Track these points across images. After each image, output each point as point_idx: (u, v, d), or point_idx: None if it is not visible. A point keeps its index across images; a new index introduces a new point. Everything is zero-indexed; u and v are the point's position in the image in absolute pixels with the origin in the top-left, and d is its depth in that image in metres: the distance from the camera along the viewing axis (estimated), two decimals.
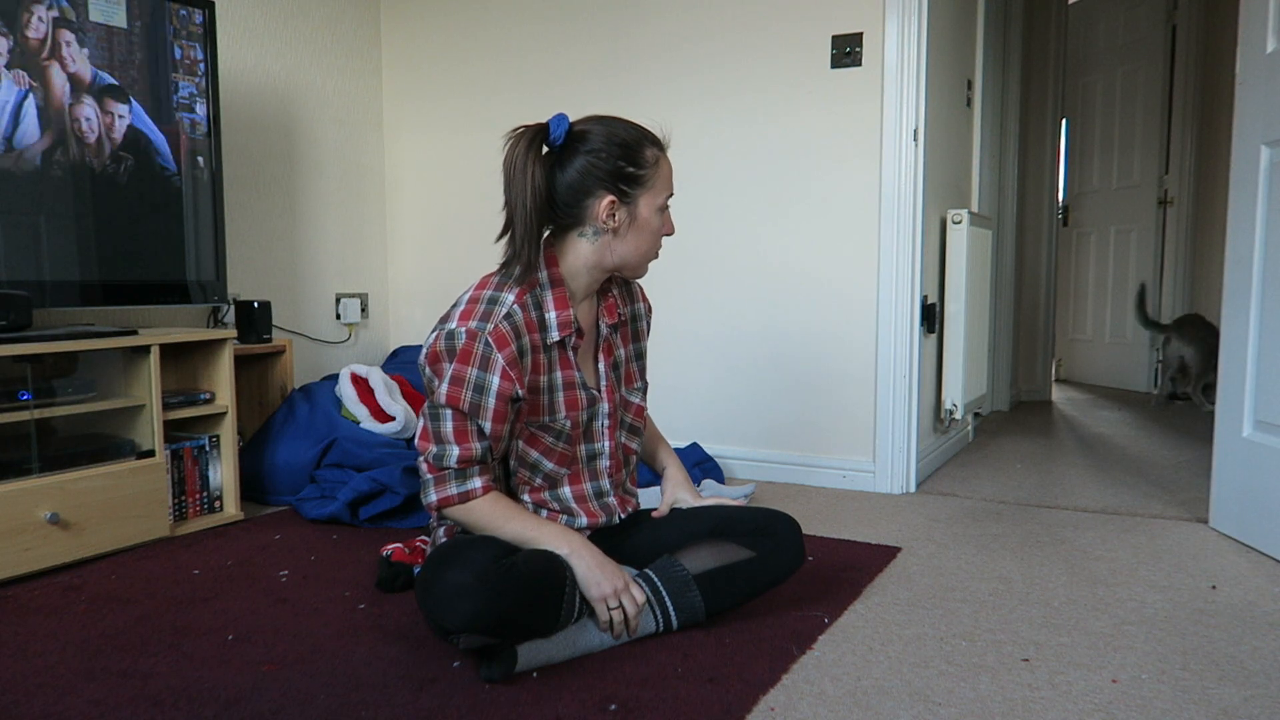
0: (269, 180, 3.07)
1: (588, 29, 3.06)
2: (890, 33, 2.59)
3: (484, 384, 1.42)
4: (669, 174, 1.56)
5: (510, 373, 1.43)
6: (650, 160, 1.52)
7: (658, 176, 1.53)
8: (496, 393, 1.43)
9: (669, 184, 1.56)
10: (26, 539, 1.92)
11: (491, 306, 1.45)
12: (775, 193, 2.80)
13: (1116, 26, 4.97)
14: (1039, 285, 4.60)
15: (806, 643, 1.56)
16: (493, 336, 1.42)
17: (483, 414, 1.43)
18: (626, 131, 1.51)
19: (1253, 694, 1.38)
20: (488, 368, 1.42)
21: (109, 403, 2.16)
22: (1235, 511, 2.20)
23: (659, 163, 1.53)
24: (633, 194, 1.51)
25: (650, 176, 1.52)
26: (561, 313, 1.51)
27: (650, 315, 1.76)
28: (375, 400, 2.73)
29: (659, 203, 1.54)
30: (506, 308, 1.45)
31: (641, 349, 1.73)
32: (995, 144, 3.88)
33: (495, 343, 1.42)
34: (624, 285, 1.70)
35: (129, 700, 1.36)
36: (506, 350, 1.43)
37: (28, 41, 2.06)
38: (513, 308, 1.46)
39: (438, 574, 1.38)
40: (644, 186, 1.52)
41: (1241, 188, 2.17)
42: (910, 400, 2.68)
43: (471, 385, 1.42)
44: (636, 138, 1.51)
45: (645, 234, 1.54)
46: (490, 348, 1.42)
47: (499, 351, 1.42)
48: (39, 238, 2.11)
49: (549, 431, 1.54)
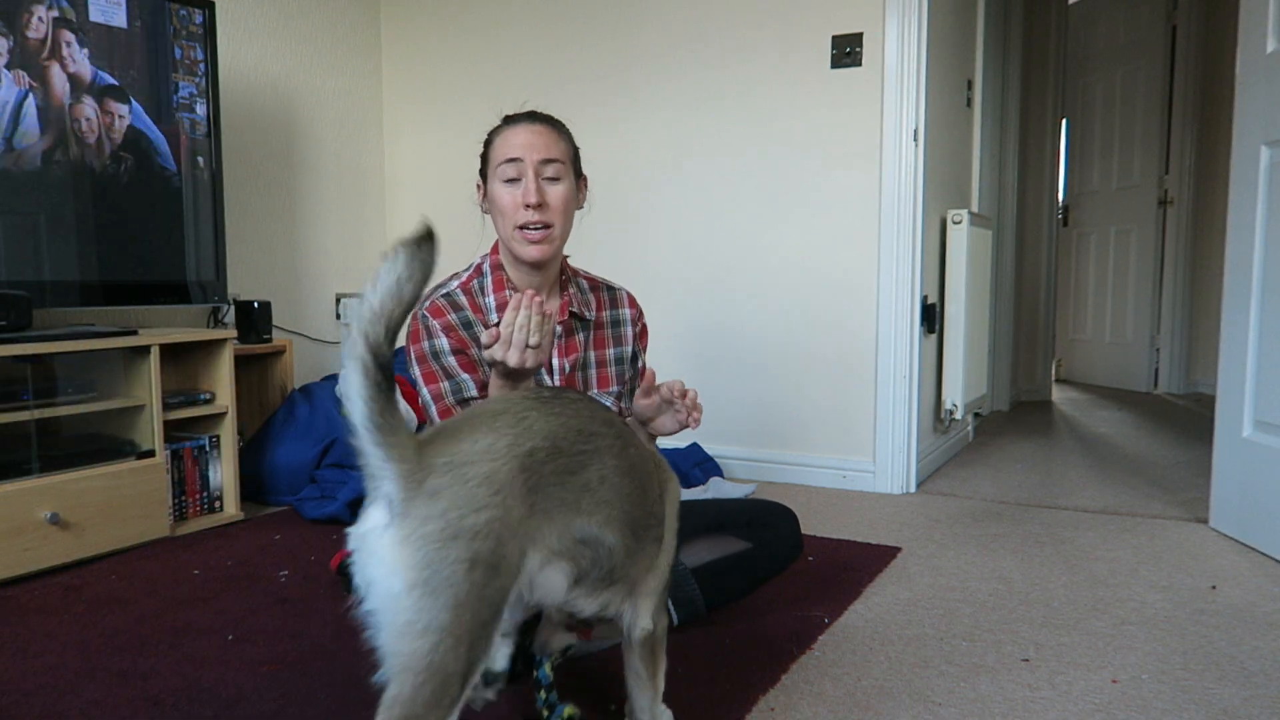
0: (269, 180, 3.07)
1: (588, 29, 3.06)
2: (890, 33, 2.59)
3: (437, 349, 1.48)
4: (506, 145, 1.50)
5: (451, 334, 1.48)
6: (491, 142, 1.52)
7: (494, 150, 1.51)
8: (450, 349, 1.47)
9: (503, 153, 1.49)
10: (26, 539, 1.92)
11: (436, 290, 1.53)
12: (775, 192, 2.80)
13: (1116, 26, 4.97)
14: (1039, 285, 4.60)
15: (806, 643, 1.56)
16: (428, 310, 1.49)
17: (453, 371, 1.47)
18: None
19: (1253, 694, 1.38)
20: (432, 335, 1.48)
21: (109, 403, 2.15)
22: (1235, 511, 2.20)
23: (497, 139, 1.51)
24: (486, 175, 1.53)
25: (490, 155, 1.52)
26: (498, 294, 1.53)
27: (640, 324, 1.69)
28: None
29: (496, 177, 1.50)
30: (446, 289, 1.53)
31: (623, 354, 1.65)
32: (995, 144, 3.88)
33: (432, 314, 1.49)
34: (607, 291, 1.65)
35: (129, 700, 1.36)
36: (442, 319, 1.49)
37: (28, 41, 2.06)
38: (453, 289, 1.53)
39: None
40: (488, 165, 1.52)
41: (1241, 188, 2.17)
42: (910, 400, 2.68)
43: (431, 354, 1.48)
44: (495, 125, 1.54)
45: (495, 211, 1.52)
46: (428, 318, 1.49)
47: (435, 319, 1.48)
48: (39, 238, 2.11)
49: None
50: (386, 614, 0.81)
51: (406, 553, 0.81)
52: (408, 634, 0.81)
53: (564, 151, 1.52)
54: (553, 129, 1.52)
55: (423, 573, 0.81)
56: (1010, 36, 4.01)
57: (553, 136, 1.51)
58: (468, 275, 1.56)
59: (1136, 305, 4.91)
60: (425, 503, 0.82)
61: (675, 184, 2.94)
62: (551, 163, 1.49)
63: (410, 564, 0.80)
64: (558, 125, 1.54)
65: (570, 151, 1.54)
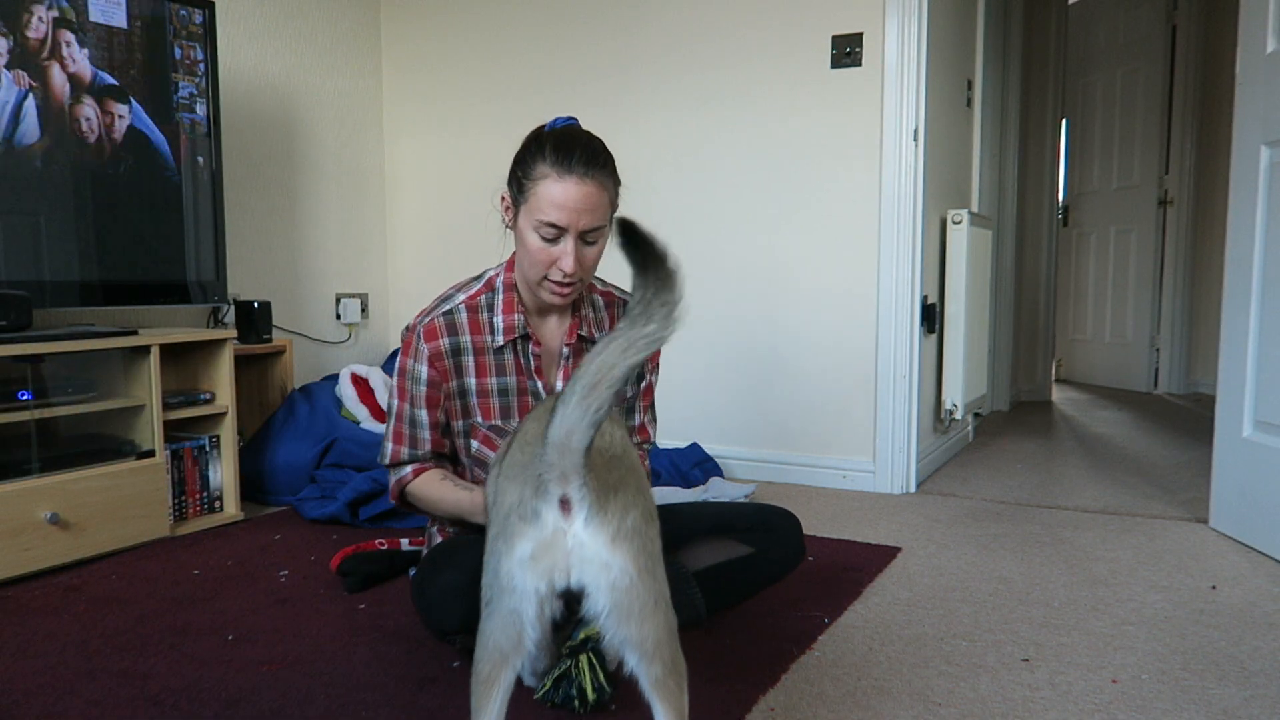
0: (269, 180, 3.07)
1: (588, 30, 3.06)
2: (890, 33, 2.59)
3: (417, 374, 1.50)
4: (552, 203, 1.37)
5: (436, 364, 1.49)
6: (536, 174, 1.38)
7: (536, 195, 1.38)
8: (426, 380, 1.50)
9: (549, 212, 1.37)
10: (26, 539, 1.92)
11: (441, 304, 1.52)
12: (775, 192, 2.80)
13: (1116, 26, 4.97)
14: (1039, 285, 4.60)
15: (806, 643, 1.56)
16: (424, 330, 1.50)
17: (418, 402, 1.51)
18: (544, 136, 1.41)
19: (1253, 694, 1.38)
20: (418, 359, 1.50)
21: (109, 403, 2.16)
22: (1235, 511, 2.20)
23: (543, 183, 1.37)
24: (517, 198, 1.42)
25: (530, 190, 1.39)
26: (506, 317, 1.51)
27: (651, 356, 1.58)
28: (375, 400, 2.73)
29: (533, 223, 1.39)
30: (450, 305, 1.52)
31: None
32: (995, 144, 3.88)
33: (425, 335, 1.49)
34: (622, 308, 1.57)
35: (129, 700, 1.36)
36: (433, 344, 1.49)
37: (28, 41, 2.06)
38: (457, 306, 1.51)
39: (431, 576, 1.38)
40: (523, 196, 1.41)
41: (1241, 188, 2.17)
42: (910, 400, 2.68)
43: (409, 375, 1.51)
44: (539, 146, 1.40)
45: (522, 250, 1.44)
46: (420, 340, 1.49)
47: (425, 344, 1.49)
48: (39, 238, 2.11)
49: (499, 434, 1.53)
50: (622, 605, 0.93)
51: (623, 547, 0.93)
52: (646, 615, 0.95)
53: (608, 207, 1.42)
54: (602, 186, 1.39)
55: (640, 559, 0.94)
56: (1010, 36, 4.01)
57: (602, 197, 1.39)
58: (477, 289, 1.53)
59: (1136, 305, 4.91)
60: (616, 498, 0.94)
61: (675, 184, 2.94)
62: (595, 230, 1.41)
63: (631, 556, 0.93)
64: (608, 173, 1.41)
65: (613, 199, 1.44)
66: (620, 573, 0.93)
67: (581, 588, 0.94)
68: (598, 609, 0.94)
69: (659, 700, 0.98)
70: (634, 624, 0.94)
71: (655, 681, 0.97)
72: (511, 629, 0.95)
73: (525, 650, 0.96)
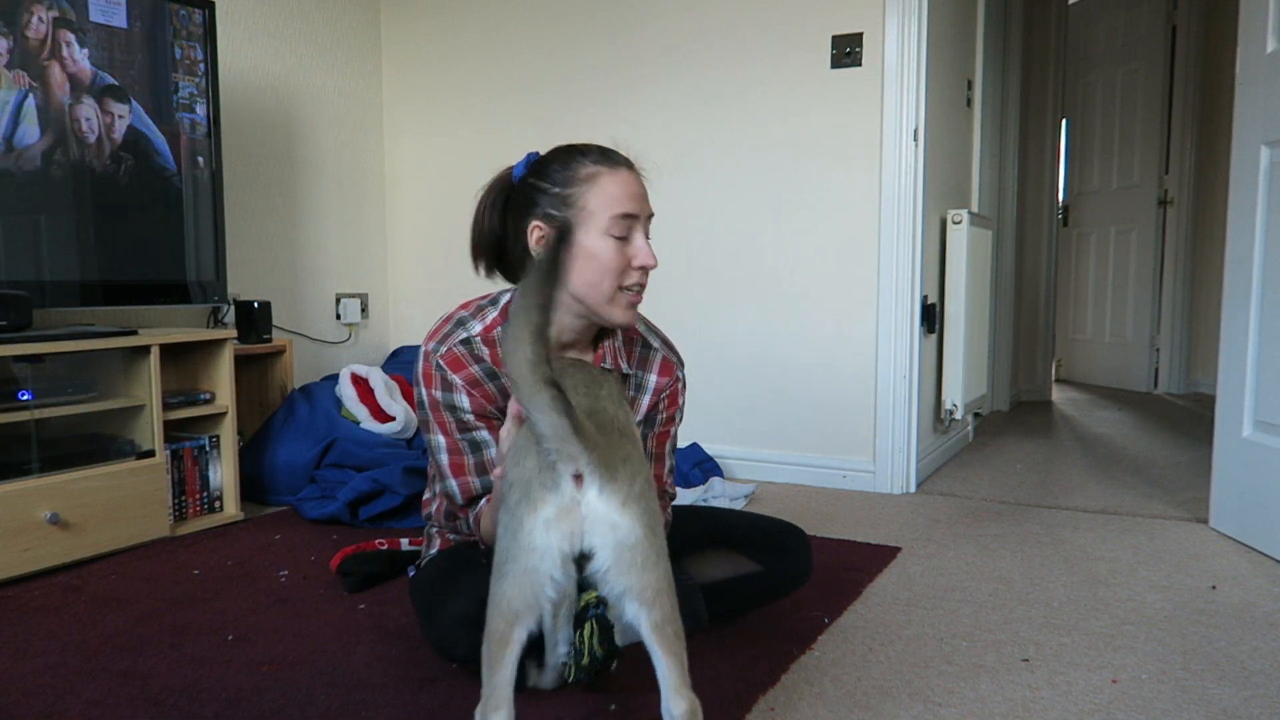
0: (269, 180, 3.07)
1: (588, 30, 3.06)
2: (890, 33, 2.59)
3: (456, 403, 1.38)
4: (620, 193, 1.31)
5: (474, 390, 1.37)
6: (581, 177, 1.31)
7: (595, 194, 1.30)
8: (470, 407, 1.38)
9: (621, 202, 1.31)
10: (26, 539, 1.92)
11: (455, 330, 1.40)
12: (775, 192, 2.80)
13: (1116, 26, 4.97)
14: (1039, 285, 4.60)
15: (806, 643, 1.56)
16: (445, 360, 1.37)
17: (467, 425, 1.38)
18: (556, 152, 1.36)
19: (1253, 694, 1.38)
20: (450, 389, 1.37)
21: (109, 403, 2.15)
22: (1235, 511, 2.20)
23: (596, 180, 1.31)
24: (561, 216, 1.31)
25: (580, 194, 1.31)
26: None
27: (670, 394, 1.51)
28: (375, 400, 2.73)
29: (601, 226, 1.30)
30: (467, 333, 1.39)
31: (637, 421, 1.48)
32: (995, 144, 3.88)
33: (449, 365, 1.37)
34: (641, 348, 1.50)
35: (129, 700, 1.36)
36: (464, 372, 1.37)
37: (28, 41, 2.06)
38: (475, 339, 1.39)
39: (439, 605, 1.35)
40: (572, 208, 1.31)
41: (1241, 188, 2.17)
42: (910, 400, 2.68)
43: (445, 406, 1.38)
44: (565, 154, 1.34)
45: (592, 265, 1.31)
46: (445, 370, 1.37)
47: (455, 374, 1.37)
48: (39, 238, 2.11)
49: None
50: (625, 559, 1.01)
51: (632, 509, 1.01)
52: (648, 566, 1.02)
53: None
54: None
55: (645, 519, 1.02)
56: (1010, 36, 4.01)
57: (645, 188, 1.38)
58: (493, 319, 1.41)
59: (1136, 305, 4.91)
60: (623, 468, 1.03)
61: (675, 184, 2.94)
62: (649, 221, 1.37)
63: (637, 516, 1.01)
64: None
65: None
66: (628, 531, 1.01)
67: (591, 550, 1.01)
68: (603, 565, 1.00)
69: (658, 646, 1.02)
70: (635, 574, 1.00)
71: (654, 627, 1.01)
72: (528, 587, 1.00)
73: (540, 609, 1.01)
